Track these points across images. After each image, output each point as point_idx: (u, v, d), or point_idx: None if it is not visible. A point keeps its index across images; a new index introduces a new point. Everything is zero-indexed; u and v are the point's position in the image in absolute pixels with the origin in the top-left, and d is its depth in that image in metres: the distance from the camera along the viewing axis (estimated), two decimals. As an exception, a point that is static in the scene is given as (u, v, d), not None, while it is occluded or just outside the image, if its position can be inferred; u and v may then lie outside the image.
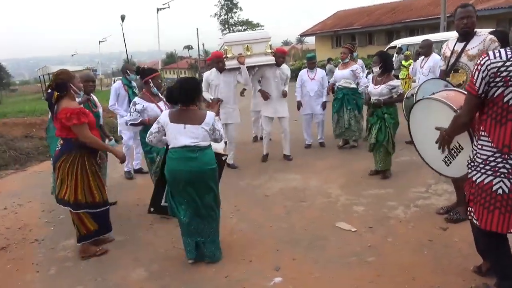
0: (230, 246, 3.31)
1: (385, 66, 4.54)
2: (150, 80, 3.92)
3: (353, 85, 5.89)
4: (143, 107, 3.80)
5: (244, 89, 7.22)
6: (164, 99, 3.92)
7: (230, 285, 2.76)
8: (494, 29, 2.97)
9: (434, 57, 5.46)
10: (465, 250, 2.89)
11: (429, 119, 2.58)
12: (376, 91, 4.51)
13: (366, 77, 6.42)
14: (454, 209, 3.47)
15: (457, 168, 2.51)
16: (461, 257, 2.82)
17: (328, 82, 6.52)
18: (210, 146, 2.98)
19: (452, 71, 3.25)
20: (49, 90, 3.11)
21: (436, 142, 2.39)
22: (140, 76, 4.09)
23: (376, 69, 4.59)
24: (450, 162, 2.57)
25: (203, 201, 2.94)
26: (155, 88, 3.95)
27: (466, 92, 2.15)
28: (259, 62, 5.52)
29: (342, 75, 5.97)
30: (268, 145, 5.93)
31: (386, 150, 4.58)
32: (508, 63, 1.89)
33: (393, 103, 4.55)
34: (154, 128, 3.00)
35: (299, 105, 6.33)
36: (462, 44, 3.16)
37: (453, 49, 3.23)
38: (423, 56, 5.71)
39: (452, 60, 3.23)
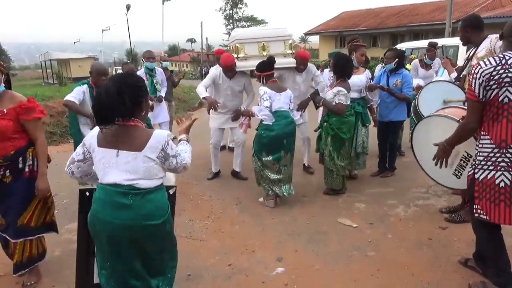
0: (232, 236, 3.37)
1: (337, 71, 3.96)
2: None
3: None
4: None
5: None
6: None
7: (233, 273, 2.81)
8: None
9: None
10: (464, 250, 2.96)
11: (432, 137, 2.68)
12: (326, 94, 4.11)
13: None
14: (457, 212, 3.53)
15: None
16: (460, 256, 2.88)
17: None
18: (159, 187, 1.91)
19: (467, 76, 3.35)
20: None
21: (434, 159, 2.46)
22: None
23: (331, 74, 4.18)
24: (461, 174, 2.70)
25: (135, 271, 1.89)
26: None
27: (462, 106, 2.36)
28: (277, 65, 4.26)
29: (360, 82, 4.37)
30: None
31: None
32: (498, 67, 2.12)
33: (332, 111, 3.95)
34: (78, 153, 1.96)
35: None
36: (474, 49, 3.24)
37: (468, 55, 3.32)
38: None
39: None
